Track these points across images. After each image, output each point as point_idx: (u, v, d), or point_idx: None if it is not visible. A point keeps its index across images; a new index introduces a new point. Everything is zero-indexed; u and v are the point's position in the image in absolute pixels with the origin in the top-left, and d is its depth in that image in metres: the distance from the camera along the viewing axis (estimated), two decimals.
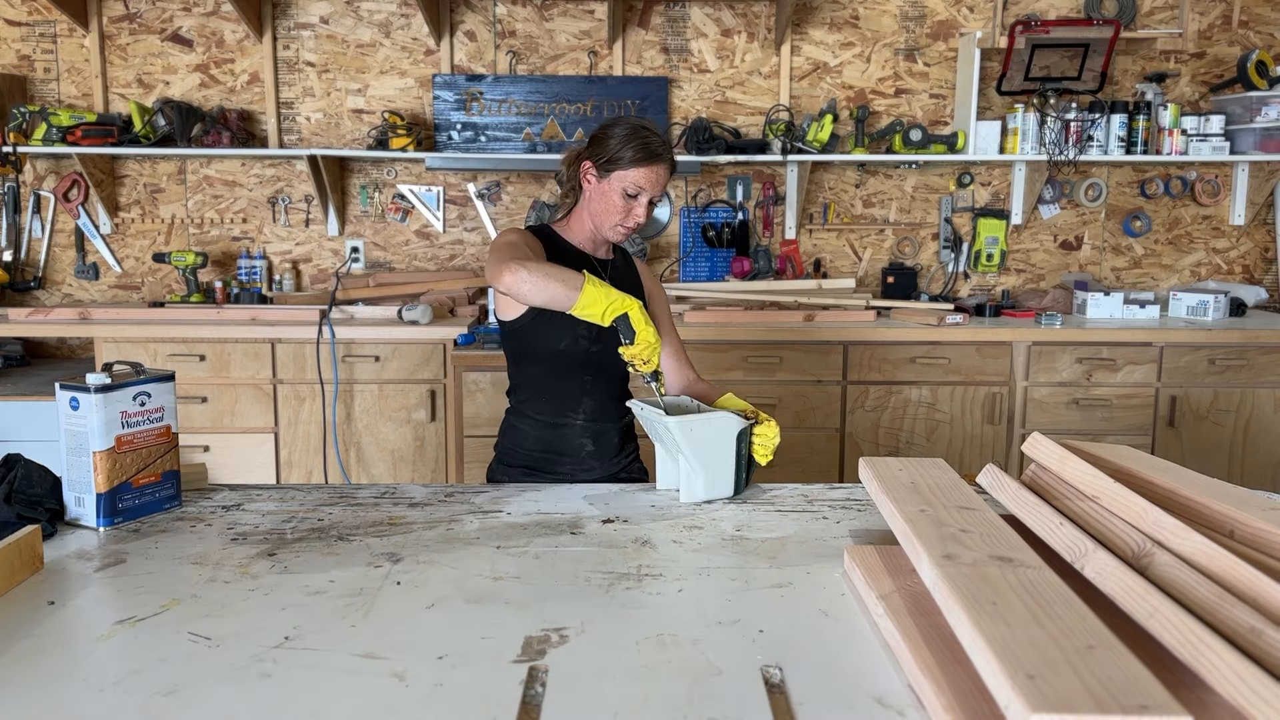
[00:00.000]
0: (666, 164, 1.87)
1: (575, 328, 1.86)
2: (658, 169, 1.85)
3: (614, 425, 1.98)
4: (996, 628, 0.83)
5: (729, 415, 1.57)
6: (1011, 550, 1.03)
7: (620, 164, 1.84)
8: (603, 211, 1.88)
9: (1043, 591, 0.93)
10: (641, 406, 1.64)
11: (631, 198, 1.86)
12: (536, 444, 1.95)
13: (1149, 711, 0.70)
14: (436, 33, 3.72)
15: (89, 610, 1.10)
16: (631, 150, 1.83)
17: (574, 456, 1.95)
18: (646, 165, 1.83)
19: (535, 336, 1.90)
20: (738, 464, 1.56)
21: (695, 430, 1.53)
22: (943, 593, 0.93)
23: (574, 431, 1.94)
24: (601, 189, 1.87)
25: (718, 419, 1.56)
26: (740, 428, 1.56)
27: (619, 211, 1.87)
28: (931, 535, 1.06)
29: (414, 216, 3.89)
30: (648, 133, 1.85)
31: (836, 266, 3.96)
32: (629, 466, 2.02)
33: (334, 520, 1.43)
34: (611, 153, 1.85)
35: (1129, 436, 3.39)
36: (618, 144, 1.84)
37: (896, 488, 1.25)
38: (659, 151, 1.85)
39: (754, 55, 3.83)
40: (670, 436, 1.55)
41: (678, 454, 1.57)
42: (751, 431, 1.61)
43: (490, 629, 1.05)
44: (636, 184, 1.84)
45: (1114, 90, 3.86)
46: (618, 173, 1.84)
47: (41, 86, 3.75)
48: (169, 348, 3.28)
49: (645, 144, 1.84)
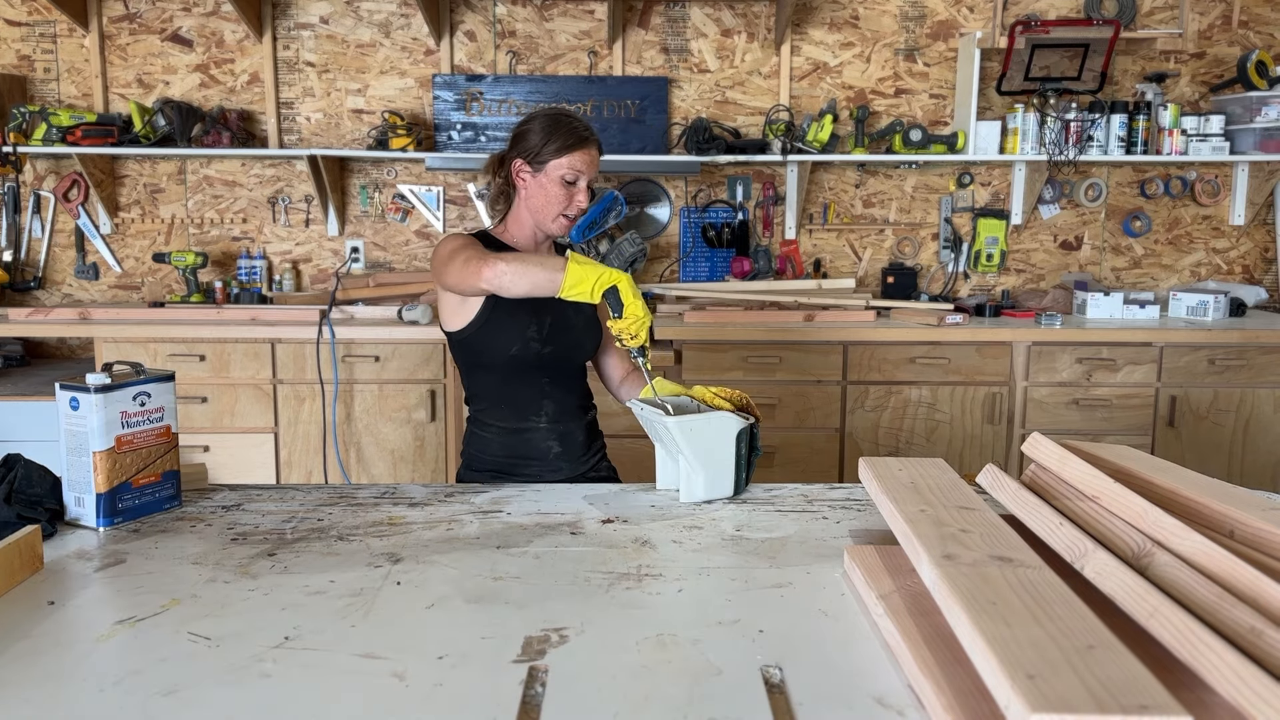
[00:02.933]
0: (596, 145, 1.90)
1: (524, 331, 1.86)
2: (590, 151, 1.88)
3: (579, 424, 1.98)
4: (996, 628, 0.83)
5: (728, 415, 1.56)
6: (1011, 550, 1.03)
7: (552, 154, 1.86)
8: (543, 205, 1.89)
9: (1043, 591, 0.93)
10: (641, 407, 1.64)
11: (570, 184, 1.88)
12: (501, 449, 1.94)
13: (1149, 711, 0.70)
14: (436, 33, 3.72)
15: (89, 610, 1.10)
16: (560, 139, 1.85)
17: (541, 459, 1.94)
18: (579, 149, 1.86)
19: (483, 344, 1.89)
20: (737, 463, 1.56)
21: (694, 430, 1.53)
22: (943, 593, 0.93)
23: (539, 435, 1.93)
24: (539, 183, 1.88)
25: (716, 419, 1.56)
26: (740, 427, 1.56)
27: (560, 201, 1.88)
28: (931, 535, 1.06)
29: (414, 216, 3.89)
30: (570, 119, 1.88)
31: (836, 266, 3.96)
32: (597, 465, 2.01)
33: (334, 520, 1.43)
34: (540, 145, 1.86)
35: (1129, 436, 3.39)
36: (543, 136, 1.86)
37: (896, 488, 1.25)
38: (586, 135, 1.88)
39: (754, 55, 3.83)
40: (670, 436, 1.55)
41: (677, 454, 1.57)
42: (752, 431, 1.60)
43: (490, 629, 1.05)
44: (574, 169, 1.86)
45: (1114, 90, 3.86)
46: (552, 162, 1.86)
47: (41, 86, 3.75)
48: (169, 348, 3.28)
49: (572, 129, 1.86)
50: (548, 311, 1.89)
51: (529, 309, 1.87)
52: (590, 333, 1.98)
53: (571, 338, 1.93)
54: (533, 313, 1.88)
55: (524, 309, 1.87)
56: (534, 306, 1.87)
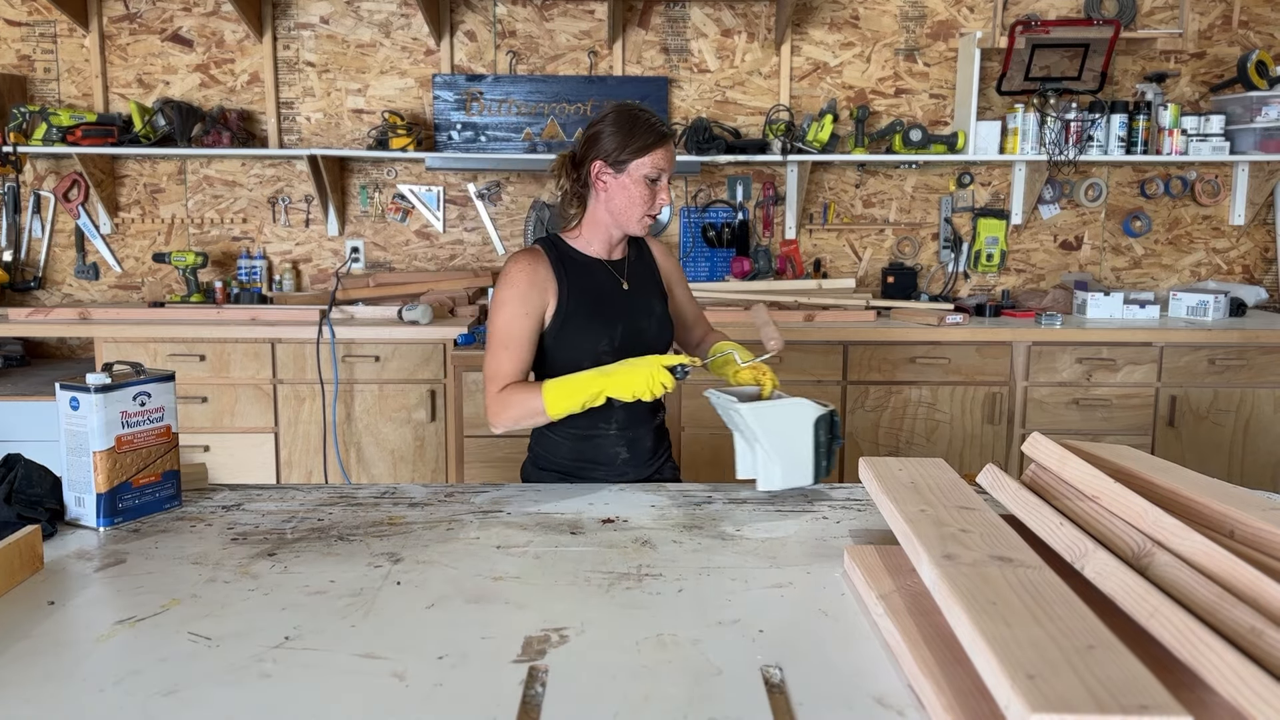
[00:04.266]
0: (672, 139, 1.87)
1: (597, 344, 1.83)
2: (669, 147, 1.84)
3: (647, 429, 1.94)
4: (996, 628, 0.83)
5: (805, 402, 1.55)
6: (1011, 550, 1.03)
7: (633, 154, 1.80)
8: (626, 206, 1.83)
9: (1043, 591, 0.92)
10: (718, 395, 1.63)
11: (653, 182, 1.83)
12: (570, 453, 1.90)
13: (1149, 711, 0.70)
14: (436, 33, 3.72)
15: (89, 610, 1.10)
16: (640, 138, 1.80)
17: (609, 464, 1.90)
18: (660, 147, 1.81)
19: (555, 353, 1.85)
20: (816, 451, 1.54)
21: (768, 416, 1.51)
22: (943, 593, 0.93)
23: (608, 441, 1.90)
24: (621, 184, 1.82)
25: (792, 405, 1.54)
26: (818, 414, 1.54)
27: (644, 201, 1.83)
28: (931, 535, 1.06)
29: (414, 216, 3.89)
30: (645, 116, 1.83)
31: (836, 266, 3.96)
32: (662, 468, 1.99)
33: (334, 520, 1.43)
34: (619, 146, 1.80)
35: (1129, 436, 3.39)
36: (622, 137, 1.80)
37: (896, 487, 1.25)
38: (665, 131, 1.83)
39: (754, 55, 3.83)
40: (745, 423, 1.53)
41: (754, 441, 1.55)
42: (832, 418, 1.59)
43: (490, 629, 1.05)
44: (656, 167, 1.81)
45: (1114, 90, 3.86)
46: (634, 163, 1.80)
47: (41, 86, 3.75)
48: (169, 348, 3.28)
49: (650, 127, 1.81)
50: (619, 321, 1.86)
51: (602, 320, 1.84)
52: (662, 336, 1.95)
53: (643, 344, 1.88)
54: (605, 325, 1.84)
55: (596, 320, 1.84)
56: (607, 318, 1.85)
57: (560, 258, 1.87)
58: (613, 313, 1.85)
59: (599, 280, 1.88)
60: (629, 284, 1.92)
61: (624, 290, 1.91)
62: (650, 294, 1.96)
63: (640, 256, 2.00)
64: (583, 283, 1.85)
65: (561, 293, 1.82)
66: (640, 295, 1.93)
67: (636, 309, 1.90)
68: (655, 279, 2.00)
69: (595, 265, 1.89)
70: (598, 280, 1.88)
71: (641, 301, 1.93)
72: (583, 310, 1.83)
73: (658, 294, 1.98)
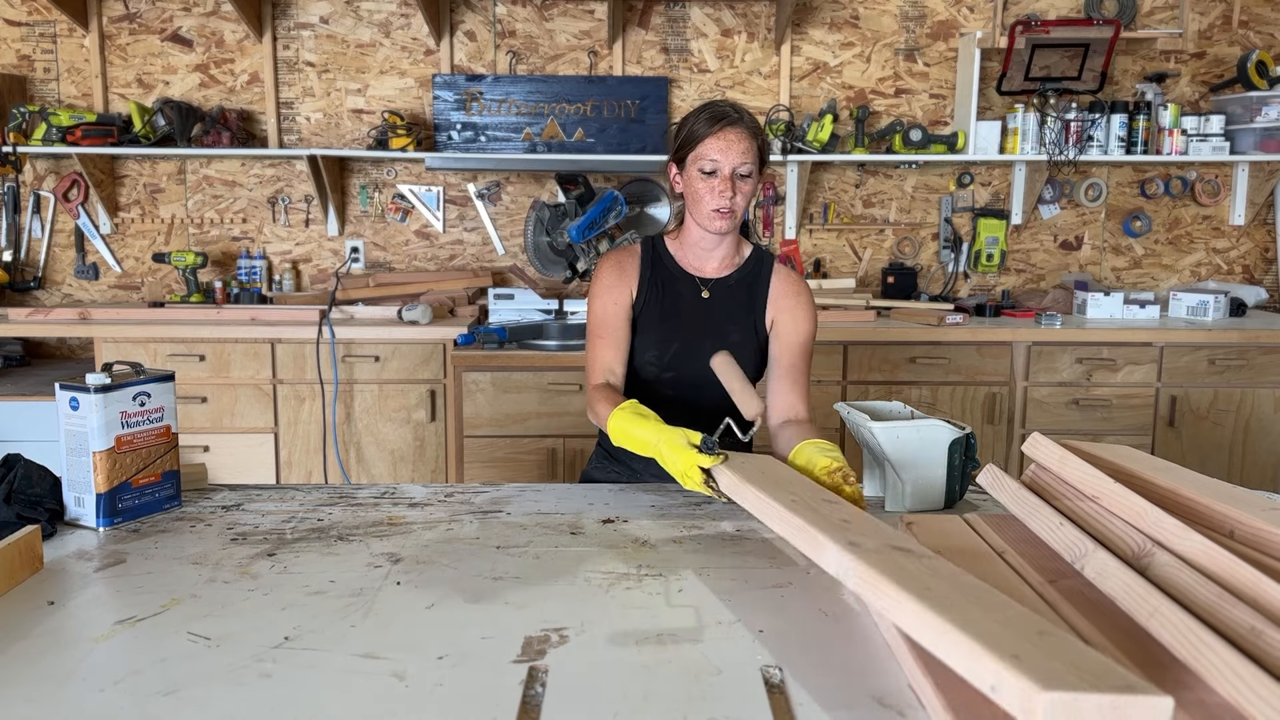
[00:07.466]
0: (737, 126, 1.68)
1: (645, 352, 1.80)
2: (725, 135, 1.66)
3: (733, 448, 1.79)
4: (952, 612, 0.83)
5: (939, 424, 1.47)
6: (899, 540, 1.05)
7: (688, 147, 1.71)
8: (692, 203, 1.74)
9: (962, 580, 0.93)
10: (849, 410, 1.57)
11: (709, 175, 1.69)
12: None
13: (1135, 690, 0.70)
14: (436, 33, 3.72)
15: (89, 610, 1.10)
16: (688, 128, 1.71)
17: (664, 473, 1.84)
18: (710, 135, 1.67)
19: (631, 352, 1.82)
20: (949, 474, 1.46)
21: (901, 437, 1.45)
22: (870, 578, 0.94)
23: None
24: (687, 181, 1.74)
25: (926, 427, 1.47)
26: (954, 437, 1.46)
27: (703, 196, 1.70)
28: (825, 525, 1.08)
29: (414, 216, 3.89)
30: (711, 106, 1.71)
31: (836, 266, 3.96)
32: None
33: (334, 520, 1.43)
34: (678, 143, 1.73)
35: (1129, 436, 3.39)
36: (684, 129, 1.72)
37: (767, 486, 1.25)
38: (720, 117, 1.67)
39: (754, 55, 3.83)
40: (875, 442, 1.48)
41: (884, 460, 1.49)
42: (968, 440, 1.48)
43: (490, 629, 1.05)
44: (708, 157, 1.67)
45: (1114, 90, 3.86)
46: (690, 156, 1.71)
47: (41, 86, 3.75)
48: (169, 348, 3.28)
49: (701, 116, 1.69)
50: (677, 338, 1.79)
51: (659, 332, 1.79)
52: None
53: (696, 368, 1.74)
54: (661, 338, 1.79)
55: (655, 330, 1.80)
56: (664, 331, 1.79)
57: (653, 258, 1.84)
58: (672, 327, 1.79)
59: (676, 289, 1.82)
60: (710, 294, 1.82)
61: (703, 303, 1.81)
62: (735, 318, 1.82)
63: (744, 283, 1.84)
64: (659, 288, 1.82)
65: (640, 290, 1.81)
66: (718, 315, 1.81)
67: (708, 329, 1.79)
68: (752, 305, 1.83)
69: (680, 274, 1.83)
70: (675, 289, 1.82)
71: (717, 324, 1.80)
72: (648, 315, 1.81)
73: (746, 322, 1.83)
